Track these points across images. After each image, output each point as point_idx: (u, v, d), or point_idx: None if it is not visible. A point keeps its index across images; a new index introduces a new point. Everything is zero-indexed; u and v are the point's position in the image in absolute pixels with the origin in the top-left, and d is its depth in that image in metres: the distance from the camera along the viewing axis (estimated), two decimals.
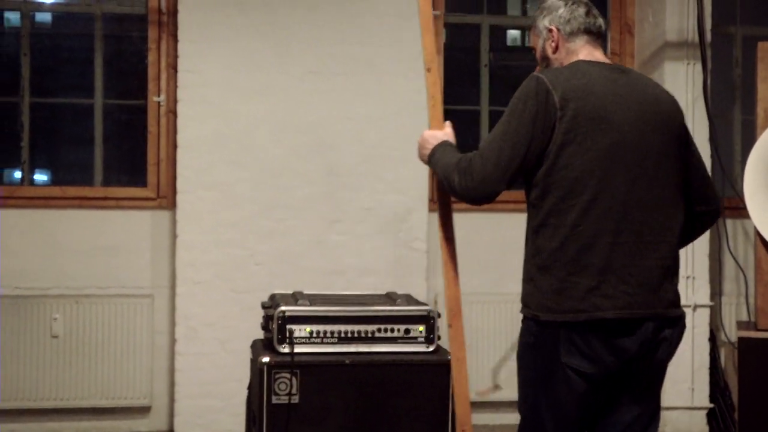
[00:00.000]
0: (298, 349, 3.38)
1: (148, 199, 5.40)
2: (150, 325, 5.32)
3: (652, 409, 2.80)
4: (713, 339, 5.58)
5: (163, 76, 5.39)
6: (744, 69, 5.93)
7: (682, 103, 5.28)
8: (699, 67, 5.40)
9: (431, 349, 3.44)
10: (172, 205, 5.32)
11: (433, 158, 2.87)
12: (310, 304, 3.49)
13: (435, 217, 5.37)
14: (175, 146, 5.25)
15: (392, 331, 3.45)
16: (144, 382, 5.31)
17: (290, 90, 5.24)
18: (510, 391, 4.24)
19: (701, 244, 5.46)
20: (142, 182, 5.43)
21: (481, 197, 2.71)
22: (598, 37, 2.88)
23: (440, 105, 3.04)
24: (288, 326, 3.39)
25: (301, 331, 3.40)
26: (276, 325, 3.39)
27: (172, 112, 5.33)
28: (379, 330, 3.44)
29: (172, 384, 5.29)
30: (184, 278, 5.17)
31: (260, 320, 3.82)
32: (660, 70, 5.45)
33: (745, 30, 5.95)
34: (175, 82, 5.26)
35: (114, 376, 5.28)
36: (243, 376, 4.33)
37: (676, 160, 2.77)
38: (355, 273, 5.26)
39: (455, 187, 2.72)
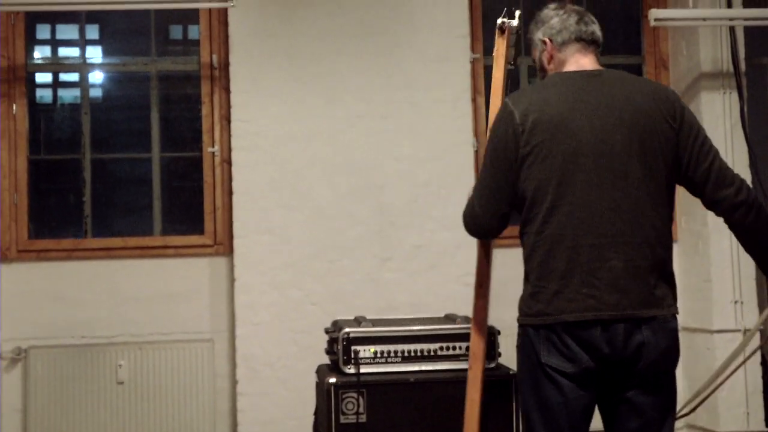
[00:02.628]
0: (363, 370, 3.50)
1: (206, 246, 5.59)
2: (211, 369, 5.47)
3: (659, 420, 2.78)
4: (765, 363, 5.63)
5: (217, 127, 5.61)
6: None
7: (720, 131, 5.48)
8: (735, 96, 5.52)
9: (493, 365, 3.54)
10: (228, 251, 5.51)
11: None
12: (373, 326, 3.62)
13: None
14: (230, 194, 5.45)
15: (454, 348, 3.56)
16: (207, 424, 5.44)
17: (340, 134, 5.44)
18: None
19: (747, 268, 5.53)
20: (199, 230, 5.63)
21: (481, 234, 3.01)
22: (590, 43, 2.93)
23: None
24: (353, 347, 3.52)
25: (365, 351, 3.52)
26: (341, 346, 3.52)
27: (227, 162, 5.54)
28: (441, 348, 3.55)
29: (234, 425, 5.42)
30: (243, 320, 5.33)
31: (318, 359, 3.96)
32: (696, 100, 5.58)
33: None
34: (229, 133, 5.48)
35: (178, 419, 5.42)
36: (303, 413, 4.45)
37: (657, 157, 2.75)
38: (408, 309, 5.37)
39: (465, 227, 3.02)
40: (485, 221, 2.90)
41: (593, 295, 2.68)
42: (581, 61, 2.90)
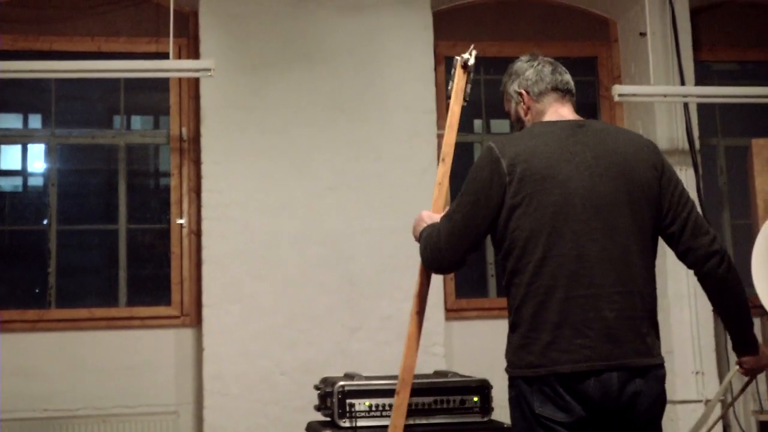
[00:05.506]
0: (359, 423, 3.50)
1: (172, 317, 5.56)
2: None
3: None
4: None
5: (185, 199, 5.63)
6: (729, 177, 6.29)
7: None
8: (690, 172, 5.70)
9: (486, 419, 3.58)
10: (195, 323, 5.49)
11: (421, 235, 3.04)
12: (367, 380, 3.64)
13: (451, 324, 5.63)
14: (197, 266, 5.45)
15: (448, 402, 3.59)
16: None
17: (310, 205, 5.50)
18: None
19: (707, 339, 5.67)
20: (165, 301, 5.59)
21: (439, 268, 2.98)
22: (566, 93, 2.98)
23: (445, 192, 3.26)
24: (347, 401, 3.53)
25: (360, 405, 3.54)
26: (336, 399, 3.53)
27: (194, 233, 5.55)
28: (435, 402, 3.58)
29: None
30: (211, 391, 5.27)
31: (287, 430, 3.96)
32: None
33: (727, 141, 6.36)
34: (197, 204, 5.51)
35: None
36: None
37: (643, 207, 2.80)
38: None
39: (422, 257, 2.97)
40: (448, 257, 2.86)
41: (587, 346, 2.68)
42: (560, 111, 2.95)
